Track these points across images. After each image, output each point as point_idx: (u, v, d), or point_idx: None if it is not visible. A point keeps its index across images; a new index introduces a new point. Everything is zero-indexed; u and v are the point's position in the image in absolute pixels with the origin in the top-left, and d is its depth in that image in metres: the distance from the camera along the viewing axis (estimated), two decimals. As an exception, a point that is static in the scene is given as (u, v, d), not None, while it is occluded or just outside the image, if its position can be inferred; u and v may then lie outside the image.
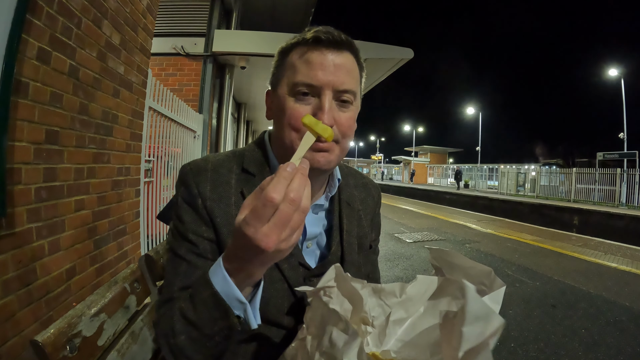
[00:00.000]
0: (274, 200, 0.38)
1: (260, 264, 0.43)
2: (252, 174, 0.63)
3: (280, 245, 0.39)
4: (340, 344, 0.43)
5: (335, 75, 0.56)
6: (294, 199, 0.38)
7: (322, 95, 0.56)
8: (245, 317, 0.46)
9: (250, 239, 0.39)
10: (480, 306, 0.41)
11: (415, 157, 36.26)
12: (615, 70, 19.30)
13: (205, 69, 5.09)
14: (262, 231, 0.38)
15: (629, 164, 17.09)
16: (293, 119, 0.56)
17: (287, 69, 0.59)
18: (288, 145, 0.58)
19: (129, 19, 2.04)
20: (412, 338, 0.49)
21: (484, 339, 0.39)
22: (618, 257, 4.52)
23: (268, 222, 0.38)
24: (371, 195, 0.79)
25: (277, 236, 0.38)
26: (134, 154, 2.24)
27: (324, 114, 0.54)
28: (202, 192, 0.59)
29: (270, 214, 0.38)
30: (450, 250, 0.53)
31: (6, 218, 1.18)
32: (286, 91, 0.58)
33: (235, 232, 0.41)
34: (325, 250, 0.67)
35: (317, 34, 0.56)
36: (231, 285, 0.44)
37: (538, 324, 2.46)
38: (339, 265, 0.53)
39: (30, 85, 1.26)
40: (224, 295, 0.44)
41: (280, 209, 0.38)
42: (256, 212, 0.38)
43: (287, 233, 0.39)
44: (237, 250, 0.43)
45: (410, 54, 5.42)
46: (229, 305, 0.44)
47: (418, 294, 0.54)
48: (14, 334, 1.20)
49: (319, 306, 0.51)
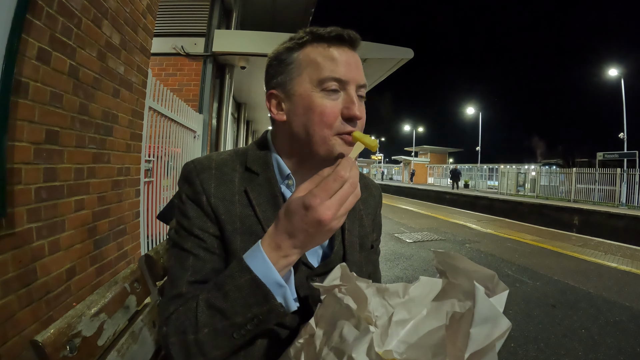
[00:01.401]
0: (343, 177, 0.45)
1: (308, 241, 0.46)
2: (255, 173, 0.63)
3: (334, 222, 0.45)
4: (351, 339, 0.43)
5: (357, 71, 0.59)
6: (354, 182, 0.46)
7: (349, 90, 0.58)
8: (285, 300, 0.48)
9: (314, 210, 0.44)
10: (489, 308, 0.41)
11: (415, 157, 36.23)
12: (615, 70, 19.30)
13: (205, 69, 5.09)
14: (326, 203, 0.44)
15: (629, 164, 17.12)
16: (326, 116, 0.56)
17: (305, 65, 0.58)
18: (319, 142, 0.57)
19: (129, 19, 2.04)
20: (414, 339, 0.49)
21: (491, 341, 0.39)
22: (618, 257, 4.52)
23: (331, 197, 0.44)
24: (372, 196, 0.79)
25: (336, 210, 0.44)
26: (134, 154, 2.23)
27: (355, 107, 0.57)
28: (207, 190, 0.59)
29: (336, 189, 0.45)
30: (454, 253, 0.53)
31: (6, 218, 1.18)
32: (310, 87, 0.57)
33: (292, 207, 0.46)
34: (328, 249, 0.67)
35: (339, 32, 0.58)
36: (271, 269, 0.46)
37: (538, 324, 2.46)
38: (344, 265, 0.53)
39: (30, 85, 1.26)
40: (263, 279, 0.46)
41: (344, 187, 0.45)
42: (326, 185, 0.45)
43: (342, 212, 0.45)
44: (288, 226, 0.46)
45: (410, 54, 5.42)
46: (269, 289, 0.46)
47: (421, 295, 0.53)
48: (14, 334, 1.20)
49: (331, 303, 0.51)
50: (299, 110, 0.59)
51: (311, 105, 0.57)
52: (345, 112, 0.57)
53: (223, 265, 0.58)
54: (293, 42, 0.61)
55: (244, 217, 0.59)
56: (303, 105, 0.58)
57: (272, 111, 0.63)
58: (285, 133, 0.63)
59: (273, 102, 0.63)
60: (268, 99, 0.64)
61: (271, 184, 0.62)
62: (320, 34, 0.58)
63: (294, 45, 0.60)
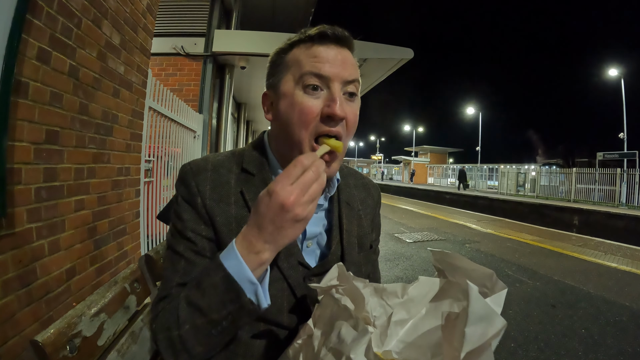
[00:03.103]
0: (303, 162, 0.46)
1: (275, 232, 0.46)
2: (251, 174, 0.63)
3: (297, 208, 0.45)
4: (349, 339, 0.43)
5: (342, 67, 0.57)
6: (317, 170, 0.46)
7: (331, 87, 0.57)
8: (256, 298, 0.48)
9: (276, 194, 0.45)
10: (483, 307, 0.40)
11: (415, 157, 36.22)
12: (615, 70, 19.29)
13: (205, 69, 5.09)
14: (287, 188, 0.45)
15: (629, 164, 17.11)
16: (304, 114, 0.56)
17: (290, 65, 0.59)
18: (296, 142, 0.58)
19: (129, 19, 2.04)
20: (413, 339, 0.49)
21: (486, 340, 0.39)
22: (618, 257, 4.52)
23: (293, 183, 0.45)
24: (371, 196, 0.79)
25: (297, 195, 0.45)
26: (134, 154, 2.24)
27: (336, 105, 0.55)
28: (202, 192, 0.59)
29: (297, 174, 0.45)
30: (452, 252, 0.53)
31: (6, 218, 1.18)
32: (293, 85, 0.58)
33: (259, 198, 0.47)
34: (326, 249, 0.67)
35: (323, 30, 0.58)
36: (243, 266, 0.46)
37: (538, 324, 2.46)
38: (341, 265, 0.53)
39: (30, 85, 1.26)
40: (236, 276, 0.46)
41: (305, 174, 0.46)
42: (287, 171, 0.46)
43: (306, 199, 0.45)
44: (256, 219, 0.47)
45: (410, 54, 5.43)
46: (241, 286, 0.46)
47: (420, 295, 0.53)
48: (14, 334, 1.20)
49: (329, 303, 0.51)
50: (282, 109, 0.59)
51: (292, 103, 0.57)
52: (325, 109, 0.56)
53: None
54: (288, 43, 0.61)
55: (240, 219, 0.59)
56: (285, 104, 0.59)
57: (265, 111, 0.65)
58: (274, 133, 0.65)
59: (267, 102, 0.65)
60: (263, 100, 0.65)
61: (267, 184, 0.63)
62: (308, 33, 0.59)
63: (286, 46, 0.61)
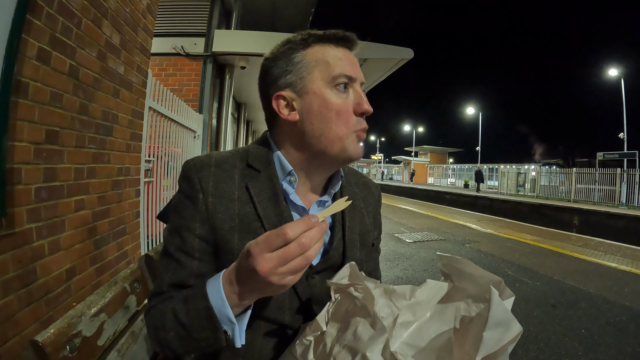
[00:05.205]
0: (286, 235, 0.42)
1: (253, 288, 0.46)
2: (257, 170, 0.63)
3: (272, 277, 0.42)
4: (366, 337, 0.43)
5: (359, 69, 0.63)
6: (304, 244, 0.42)
7: (355, 87, 0.61)
8: (232, 335, 0.49)
9: (252, 259, 0.43)
10: (503, 312, 0.41)
11: (415, 157, 36.22)
12: (615, 70, 19.30)
13: (205, 69, 5.09)
14: (265, 255, 0.42)
15: (629, 164, 17.12)
16: (343, 114, 0.59)
17: (315, 64, 0.60)
18: (334, 139, 0.59)
19: (129, 19, 2.04)
20: (417, 342, 0.49)
21: (503, 345, 0.39)
22: (618, 257, 4.52)
23: (273, 252, 0.42)
24: (372, 194, 0.79)
25: (273, 266, 0.42)
26: (134, 154, 2.23)
27: (365, 102, 0.60)
28: (205, 188, 0.59)
29: (278, 245, 0.42)
30: (460, 257, 0.53)
31: (6, 218, 1.18)
32: (322, 84, 0.59)
33: (242, 251, 0.45)
34: (328, 246, 0.67)
35: (344, 34, 0.62)
36: (225, 305, 0.47)
37: (538, 324, 2.46)
38: (353, 264, 0.53)
39: (30, 85, 1.26)
40: (216, 311, 0.48)
41: (288, 246, 0.42)
42: (268, 238, 0.43)
43: (284, 270, 0.43)
44: (238, 269, 0.47)
45: (410, 54, 5.42)
46: (220, 321, 0.48)
47: (427, 298, 0.53)
48: (14, 334, 1.20)
49: (345, 301, 0.51)
50: (313, 108, 0.59)
51: (326, 103, 0.59)
52: (358, 108, 0.60)
53: (203, 269, 0.59)
54: (295, 42, 0.61)
55: (243, 215, 0.59)
56: (317, 103, 0.59)
57: (281, 113, 0.61)
58: (296, 132, 0.61)
59: (282, 103, 0.61)
60: (275, 101, 0.61)
61: (272, 181, 0.62)
62: (326, 34, 0.61)
63: (298, 45, 0.61)
